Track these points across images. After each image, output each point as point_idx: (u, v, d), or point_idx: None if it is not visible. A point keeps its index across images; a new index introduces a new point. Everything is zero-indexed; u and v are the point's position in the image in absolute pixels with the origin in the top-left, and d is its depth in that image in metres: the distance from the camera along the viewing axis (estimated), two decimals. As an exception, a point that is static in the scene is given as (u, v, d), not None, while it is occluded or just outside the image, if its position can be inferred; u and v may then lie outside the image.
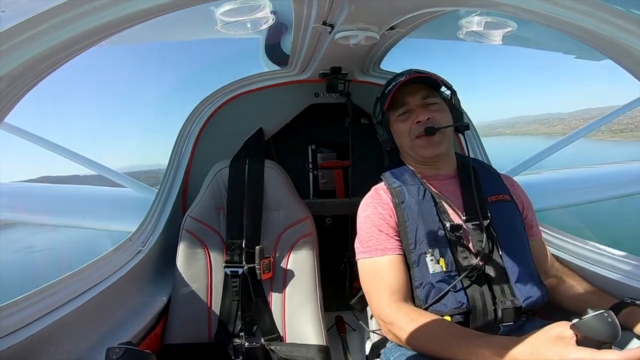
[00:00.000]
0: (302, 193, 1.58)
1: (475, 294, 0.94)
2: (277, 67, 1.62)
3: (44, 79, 0.60)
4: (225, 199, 1.34)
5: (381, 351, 1.06)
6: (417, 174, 1.09)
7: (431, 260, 0.96)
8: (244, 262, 1.26)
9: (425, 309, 0.93)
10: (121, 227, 1.81)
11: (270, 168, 1.37)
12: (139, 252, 1.26)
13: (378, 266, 0.98)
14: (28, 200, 2.09)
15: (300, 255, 1.29)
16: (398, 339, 0.89)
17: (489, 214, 1.03)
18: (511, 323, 0.94)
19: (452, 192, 1.07)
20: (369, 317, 1.22)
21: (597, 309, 0.62)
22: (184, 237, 1.29)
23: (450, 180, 1.10)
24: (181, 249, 1.28)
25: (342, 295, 1.61)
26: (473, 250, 0.99)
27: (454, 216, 1.02)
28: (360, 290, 1.07)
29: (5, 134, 1.98)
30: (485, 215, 1.02)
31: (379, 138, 1.18)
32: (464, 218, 1.02)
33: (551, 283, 1.08)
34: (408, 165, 1.12)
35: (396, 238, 1.00)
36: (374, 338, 1.17)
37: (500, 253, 1.00)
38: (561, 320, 0.69)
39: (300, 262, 1.29)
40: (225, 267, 1.28)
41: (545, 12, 0.56)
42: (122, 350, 0.73)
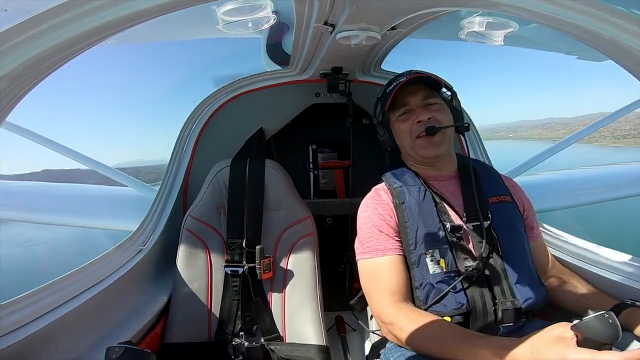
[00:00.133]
0: (303, 193, 1.58)
1: (475, 294, 0.94)
2: (278, 67, 1.62)
3: (44, 79, 0.60)
4: (226, 199, 1.34)
5: (381, 351, 1.06)
6: (418, 175, 1.09)
7: (431, 260, 0.96)
8: (244, 262, 1.26)
9: (425, 310, 0.93)
10: (115, 226, 1.83)
11: (271, 168, 1.37)
12: (140, 252, 1.26)
13: (378, 266, 0.98)
14: (28, 199, 2.09)
15: (301, 255, 1.29)
16: (398, 340, 0.89)
17: (490, 215, 1.03)
18: (511, 324, 0.94)
19: (453, 193, 1.07)
20: (369, 317, 1.22)
21: (598, 310, 0.62)
22: (184, 237, 1.29)
23: (451, 180, 1.09)
24: (182, 249, 1.28)
25: (342, 296, 1.61)
26: (473, 251, 0.99)
27: (455, 217, 1.02)
28: (360, 291, 1.07)
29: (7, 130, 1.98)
30: (486, 216, 1.02)
31: (380, 138, 1.18)
32: (465, 219, 1.02)
33: (551, 284, 1.08)
34: (409, 166, 1.12)
35: (396, 239, 1.00)
36: (374, 338, 1.17)
37: (501, 254, 0.99)
38: (561, 321, 0.69)
39: (301, 262, 1.29)
40: (225, 267, 1.28)
41: (545, 12, 0.56)
42: (122, 350, 0.73)
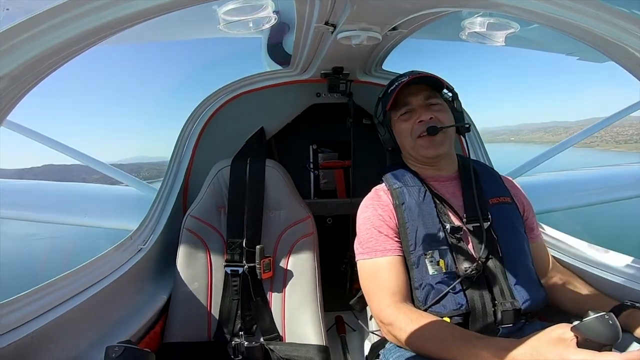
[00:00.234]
0: (303, 193, 1.58)
1: (475, 295, 0.94)
2: (279, 67, 1.62)
3: (45, 78, 0.60)
4: (226, 198, 1.34)
5: (380, 352, 1.05)
6: (418, 175, 1.08)
7: (431, 261, 0.96)
8: (245, 262, 1.26)
9: (425, 310, 0.93)
10: (114, 225, 1.83)
11: (271, 167, 1.37)
12: (140, 251, 1.26)
13: (377, 267, 0.98)
14: (29, 198, 2.09)
15: (301, 255, 1.29)
16: (397, 340, 0.89)
17: (490, 216, 1.03)
18: (510, 325, 0.94)
19: (453, 194, 1.07)
20: (368, 318, 1.22)
21: (598, 311, 0.62)
22: (184, 236, 1.29)
23: (452, 181, 1.09)
24: (182, 248, 1.28)
25: (342, 296, 1.61)
26: (473, 252, 0.99)
27: (455, 218, 1.02)
28: (360, 291, 1.07)
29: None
30: (486, 217, 1.02)
31: (381, 138, 1.18)
32: (465, 220, 1.01)
33: (551, 285, 1.08)
34: (409, 166, 1.12)
35: (396, 239, 1.00)
36: (374, 338, 1.17)
37: (500, 255, 0.99)
38: (561, 322, 0.69)
39: (301, 262, 1.29)
40: (225, 266, 1.28)
41: (546, 13, 0.56)
42: (122, 349, 0.73)
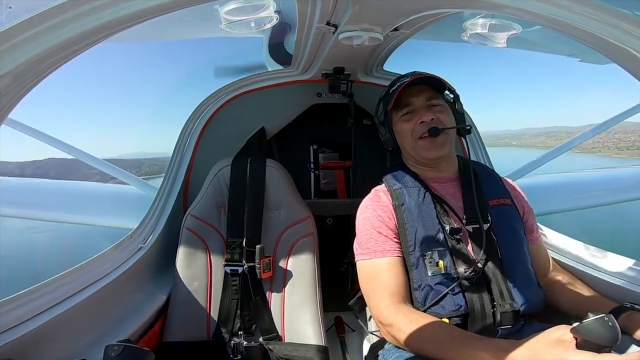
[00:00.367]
0: (303, 193, 1.58)
1: (474, 296, 0.94)
2: (280, 67, 1.62)
3: (45, 78, 0.60)
4: (227, 198, 1.34)
5: (379, 352, 1.05)
6: (418, 176, 1.08)
7: (430, 262, 0.96)
8: (244, 261, 1.25)
9: (424, 311, 0.93)
10: (114, 224, 1.84)
11: (271, 167, 1.37)
12: (140, 250, 1.26)
13: (377, 268, 0.98)
14: (29, 196, 2.10)
15: (301, 255, 1.29)
16: (396, 341, 0.89)
17: (490, 218, 1.03)
18: (509, 326, 0.94)
19: (453, 195, 1.07)
20: (368, 318, 1.22)
21: (598, 313, 0.62)
22: (184, 235, 1.29)
23: (452, 182, 1.09)
24: (182, 247, 1.28)
25: (342, 296, 1.60)
26: (472, 254, 0.99)
27: (454, 219, 1.02)
28: (359, 291, 1.07)
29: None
30: (486, 219, 1.02)
31: (381, 138, 1.17)
32: (464, 221, 1.01)
33: (550, 287, 1.08)
34: (409, 167, 1.12)
35: (395, 240, 1.00)
36: (373, 339, 1.17)
37: (500, 257, 0.99)
38: (560, 323, 0.69)
39: (301, 262, 1.29)
40: (225, 266, 1.27)
41: (548, 15, 0.56)
42: (121, 348, 0.74)
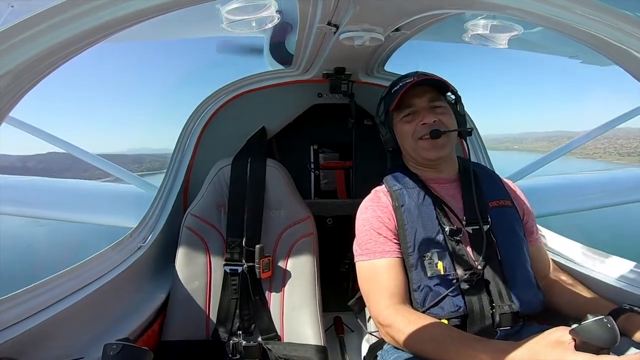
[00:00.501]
0: (304, 193, 1.58)
1: (473, 298, 0.94)
2: (281, 67, 1.62)
3: (46, 77, 0.60)
4: (227, 197, 1.34)
5: (378, 353, 1.05)
6: (418, 177, 1.08)
7: (429, 263, 0.96)
8: (244, 261, 1.25)
9: (423, 312, 0.93)
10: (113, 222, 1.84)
11: (272, 167, 1.37)
12: (139, 249, 1.26)
13: (376, 269, 0.98)
14: (28, 194, 2.10)
15: (300, 255, 1.29)
16: (396, 341, 0.89)
17: (489, 219, 1.03)
18: (508, 327, 0.94)
19: (453, 196, 1.07)
20: (367, 319, 1.22)
21: (597, 315, 0.62)
22: (184, 234, 1.29)
23: (452, 183, 1.09)
24: (181, 246, 1.28)
25: (341, 296, 1.60)
26: (472, 255, 0.98)
27: (454, 220, 1.02)
28: (359, 292, 1.07)
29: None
30: (486, 220, 1.02)
31: (382, 138, 1.17)
32: (464, 222, 1.01)
33: (550, 288, 1.08)
34: (409, 168, 1.12)
35: (395, 241, 1.00)
36: (372, 340, 1.17)
37: (499, 258, 0.99)
38: (559, 325, 0.69)
39: (300, 262, 1.29)
40: (224, 265, 1.27)
41: (550, 16, 0.55)
42: (120, 347, 0.74)
